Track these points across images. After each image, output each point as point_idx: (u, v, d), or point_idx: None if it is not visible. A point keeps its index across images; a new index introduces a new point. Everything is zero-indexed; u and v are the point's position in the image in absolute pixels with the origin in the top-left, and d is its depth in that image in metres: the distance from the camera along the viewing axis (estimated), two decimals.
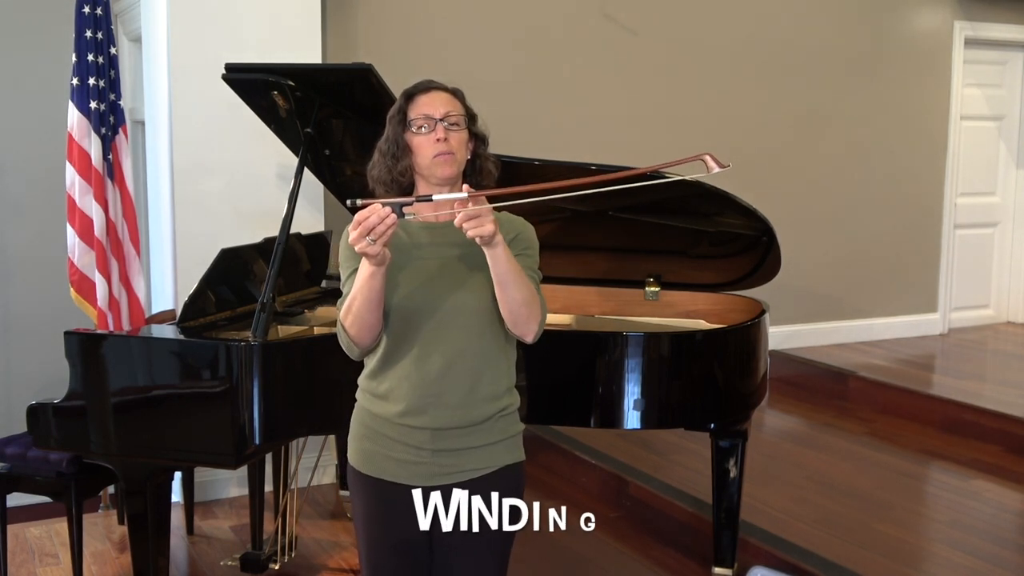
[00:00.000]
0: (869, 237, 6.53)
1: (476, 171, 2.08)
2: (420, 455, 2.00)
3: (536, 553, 3.63)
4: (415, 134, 2.01)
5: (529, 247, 2.07)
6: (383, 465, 2.03)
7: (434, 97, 2.03)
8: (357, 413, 2.10)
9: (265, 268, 3.29)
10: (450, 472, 2.01)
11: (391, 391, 2.01)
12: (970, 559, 3.49)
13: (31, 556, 3.88)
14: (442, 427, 1.99)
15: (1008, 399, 5.12)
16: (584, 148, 5.09)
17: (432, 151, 1.99)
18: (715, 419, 3.29)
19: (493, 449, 2.03)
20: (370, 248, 1.81)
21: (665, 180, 3.11)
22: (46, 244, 5.49)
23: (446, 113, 2.01)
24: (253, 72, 3.41)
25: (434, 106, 2.01)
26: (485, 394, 2.01)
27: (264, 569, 3.63)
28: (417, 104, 2.03)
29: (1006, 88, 7.13)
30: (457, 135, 2.02)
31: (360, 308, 1.93)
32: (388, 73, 3.21)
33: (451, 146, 2.00)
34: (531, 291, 1.97)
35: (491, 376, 2.02)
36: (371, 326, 1.96)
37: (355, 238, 1.81)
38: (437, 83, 2.07)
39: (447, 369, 1.98)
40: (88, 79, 3.84)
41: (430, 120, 2.00)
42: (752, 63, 6.01)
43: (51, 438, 3.00)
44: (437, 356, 1.98)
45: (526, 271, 2.01)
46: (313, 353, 2.98)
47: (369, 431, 2.05)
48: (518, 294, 1.93)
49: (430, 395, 1.98)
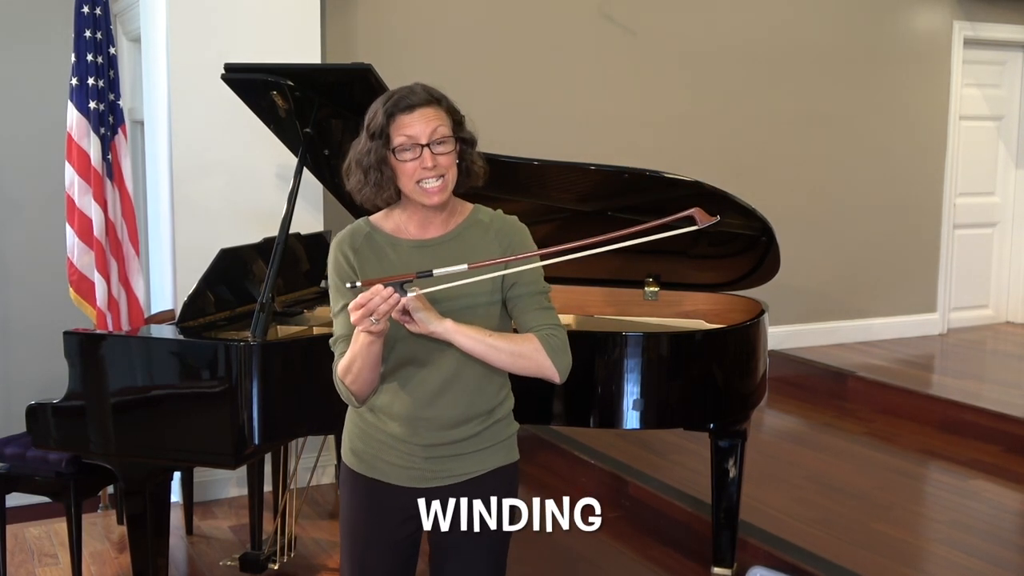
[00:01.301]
0: (868, 237, 6.53)
1: (463, 173, 1.99)
2: (412, 460, 1.99)
3: (536, 553, 3.63)
4: (400, 160, 1.90)
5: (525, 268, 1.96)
6: (375, 465, 2.02)
7: (418, 117, 1.89)
8: (351, 413, 2.08)
9: (264, 268, 3.29)
10: (443, 476, 1.99)
11: (383, 407, 1.99)
12: (969, 559, 3.49)
13: (30, 556, 3.88)
14: (434, 443, 1.97)
15: (1007, 399, 5.12)
16: (584, 148, 5.08)
17: (419, 176, 1.90)
18: (714, 419, 3.29)
19: (486, 452, 2.02)
20: (374, 327, 1.79)
21: (670, 220, 3.09)
22: (45, 244, 5.49)
23: (432, 134, 1.89)
24: (252, 72, 3.41)
25: (420, 127, 1.89)
26: (479, 411, 1.99)
27: (263, 569, 3.63)
28: (400, 124, 1.89)
29: (1005, 88, 7.13)
30: (446, 157, 1.91)
31: (361, 371, 1.90)
32: (388, 73, 3.21)
33: (439, 170, 1.90)
34: (515, 346, 1.91)
35: (486, 394, 2.00)
36: (372, 382, 1.94)
37: (357, 319, 1.78)
38: (419, 96, 1.92)
39: (442, 392, 1.95)
40: (87, 79, 3.83)
41: (416, 145, 1.88)
42: (752, 63, 6.01)
43: (50, 438, 3.00)
44: (432, 379, 1.95)
45: (535, 297, 1.97)
46: (312, 353, 2.98)
47: (363, 432, 2.04)
48: (503, 359, 1.91)
49: (423, 418, 1.96)
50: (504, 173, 3.39)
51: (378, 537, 2.03)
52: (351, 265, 1.97)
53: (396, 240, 1.99)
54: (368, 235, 2.00)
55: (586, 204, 3.58)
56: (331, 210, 4.41)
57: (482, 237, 1.99)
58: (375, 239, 2.00)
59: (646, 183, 3.42)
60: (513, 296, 1.98)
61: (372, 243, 1.99)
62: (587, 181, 3.53)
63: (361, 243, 1.99)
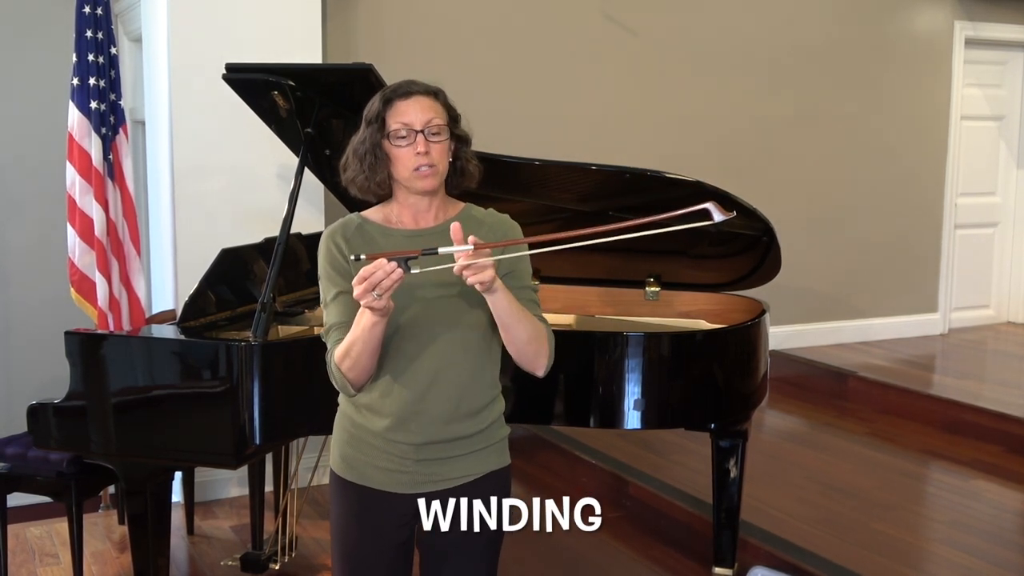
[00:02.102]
0: (869, 237, 6.53)
1: (457, 173, 2.01)
2: (404, 464, 1.97)
3: (536, 553, 3.63)
4: (394, 145, 1.93)
5: (519, 261, 1.99)
6: (366, 472, 1.99)
7: (414, 104, 1.93)
8: (340, 419, 2.06)
9: (265, 268, 3.29)
10: (435, 480, 1.98)
11: (373, 404, 1.97)
12: (970, 559, 3.49)
13: (31, 556, 3.88)
14: (426, 442, 1.95)
15: (1008, 399, 5.12)
16: (584, 148, 5.09)
17: (412, 164, 1.92)
18: (715, 419, 3.29)
19: (478, 456, 2.00)
20: (376, 303, 1.77)
21: (680, 215, 3.09)
22: (46, 244, 5.50)
23: (427, 122, 1.92)
24: (253, 72, 3.41)
25: (415, 114, 1.92)
26: (470, 408, 1.98)
27: (264, 569, 3.63)
28: (396, 111, 1.93)
29: (1006, 88, 7.12)
30: (439, 146, 1.94)
31: (360, 355, 1.88)
32: (388, 73, 3.21)
33: (433, 158, 1.92)
34: (535, 327, 1.94)
35: (477, 390, 1.99)
36: (369, 369, 1.92)
37: (360, 293, 1.76)
38: (418, 86, 1.97)
39: (432, 384, 1.94)
40: (88, 79, 3.84)
41: (411, 131, 1.91)
42: (752, 62, 6.01)
43: (51, 438, 3.01)
44: (423, 371, 1.94)
45: (526, 291, 1.98)
46: (313, 353, 2.96)
47: (352, 438, 2.02)
48: (523, 333, 1.91)
49: (414, 411, 1.94)
50: (505, 173, 3.39)
51: (370, 546, 2.01)
52: (343, 253, 1.97)
53: (388, 230, 2.00)
54: (359, 226, 2.01)
55: (587, 204, 3.58)
56: (332, 210, 4.42)
57: (476, 230, 1.99)
58: (366, 229, 2.01)
59: (647, 183, 3.42)
60: (507, 286, 1.97)
61: (363, 233, 2.00)
62: (588, 181, 3.53)
63: (352, 233, 2.00)
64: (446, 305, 1.94)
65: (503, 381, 2.08)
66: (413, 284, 1.90)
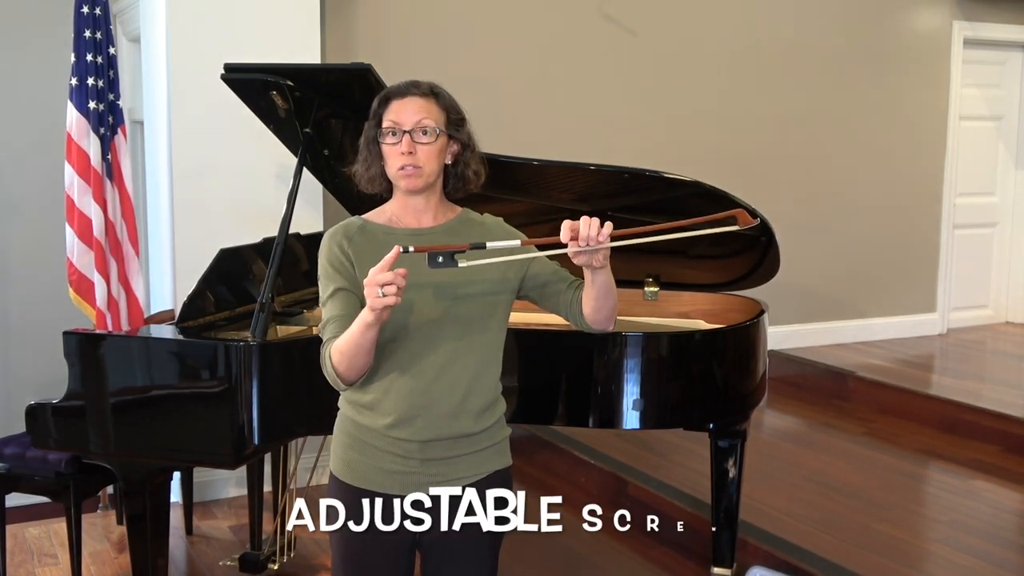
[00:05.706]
0: (868, 237, 6.53)
1: (456, 177, 2.02)
2: (408, 464, 1.96)
3: (536, 553, 3.63)
4: (384, 143, 1.96)
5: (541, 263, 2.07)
6: (368, 476, 1.99)
7: (407, 104, 1.95)
8: (340, 422, 2.05)
9: (264, 268, 3.29)
10: (439, 481, 1.97)
11: (377, 402, 1.97)
12: (969, 559, 3.49)
13: (30, 556, 3.88)
14: (431, 439, 1.95)
15: (1007, 399, 5.12)
16: (584, 148, 5.09)
17: (397, 163, 1.94)
18: (714, 419, 3.29)
19: (481, 455, 2.01)
20: (377, 301, 1.75)
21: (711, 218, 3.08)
22: (45, 244, 5.49)
23: (416, 123, 1.93)
24: (252, 72, 3.41)
25: (405, 114, 1.94)
26: (475, 405, 1.98)
27: (263, 569, 3.63)
28: (390, 109, 1.96)
29: (1005, 88, 7.12)
30: (427, 148, 1.94)
31: (354, 354, 1.87)
32: (388, 73, 3.21)
33: (418, 159, 1.93)
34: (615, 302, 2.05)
35: (481, 385, 1.99)
36: (360, 369, 1.92)
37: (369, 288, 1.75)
38: (416, 87, 1.98)
39: (438, 378, 1.94)
40: (87, 79, 3.83)
41: (399, 131, 1.93)
42: (751, 63, 6.01)
43: (50, 438, 3.00)
44: (427, 366, 1.94)
45: (561, 274, 2.07)
46: (312, 353, 2.96)
47: (354, 440, 2.01)
48: (614, 299, 2.02)
49: (420, 405, 1.94)
50: (504, 173, 3.39)
51: (372, 548, 2.00)
52: (345, 253, 1.98)
53: (391, 230, 2.01)
54: (361, 227, 2.02)
55: (586, 204, 3.58)
56: (331, 210, 4.42)
57: (477, 230, 2.03)
58: (368, 229, 2.02)
59: (646, 183, 3.42)
60: (539, 284, 2.06)
61: (366, 233, 2.01)
62: (587, 181, 3.53)
63: (355, 233, 2.01)
64: (454, 306, 1.95)
65: (503, 382, 2.08)
66: (420, 284, 1.91)
